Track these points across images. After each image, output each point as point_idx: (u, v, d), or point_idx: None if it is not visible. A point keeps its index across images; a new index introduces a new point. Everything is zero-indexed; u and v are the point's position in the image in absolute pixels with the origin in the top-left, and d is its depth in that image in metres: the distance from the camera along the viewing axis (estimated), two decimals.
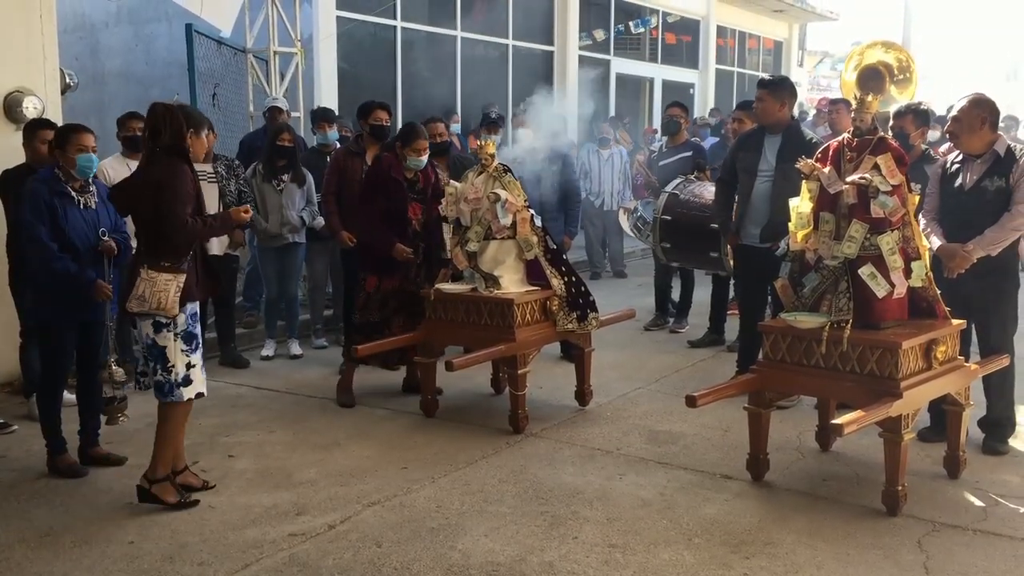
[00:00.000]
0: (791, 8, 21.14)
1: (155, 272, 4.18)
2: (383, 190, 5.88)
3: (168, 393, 4.30)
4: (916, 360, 4.27)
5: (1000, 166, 4.86)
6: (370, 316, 5.95)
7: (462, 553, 3.89)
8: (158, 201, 4.17)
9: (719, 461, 4.92)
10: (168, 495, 4.35)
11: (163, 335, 4.24)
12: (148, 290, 4.17)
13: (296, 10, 9.82)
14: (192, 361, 4.32)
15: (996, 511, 4.29)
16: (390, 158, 5.87)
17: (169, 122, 4.21)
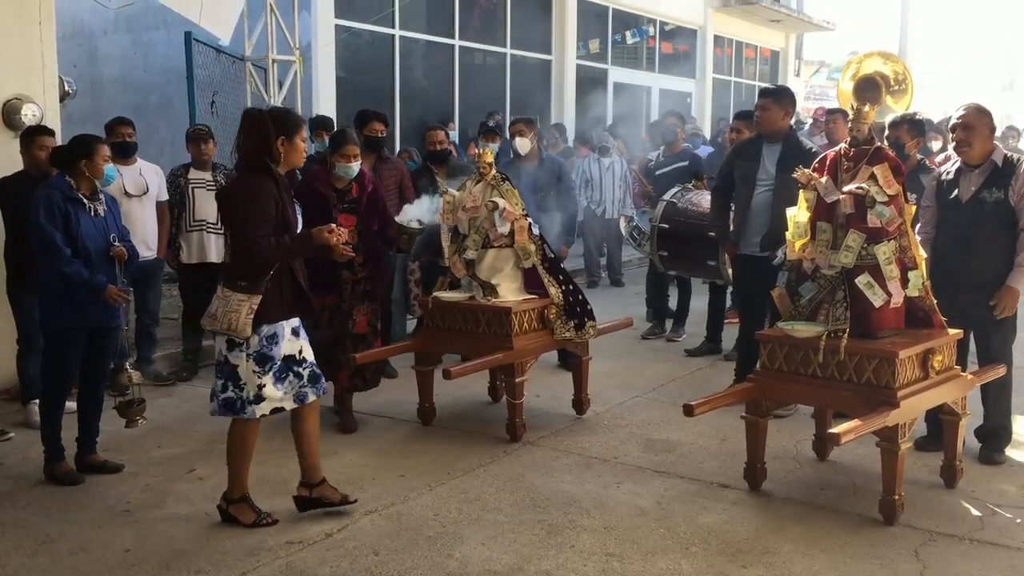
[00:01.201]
0: (788, 18, 21.23)
1: (230, 291, 4.00)
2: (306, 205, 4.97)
3: (240, 410, 4.11)
4: (913, 369, 4.29)
5: (998, 177, 4.86)
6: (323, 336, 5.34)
7: (459, 562, 3.89)
8: (235, 219, 4.03)
9: (716, 470, 4.92)
10: (245, 516, 4.22)
11: (235, 354, 4.07)
12: (220, 309, 4.02)
13: (295, 19, 9.84)
14: (263, 382, 4.08)
15: (993, 521, 4.30)
16: (319, 171, 5.53)
17: (254, 129, 4.02)
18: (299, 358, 4.21)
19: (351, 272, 5.45)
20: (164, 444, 5.41)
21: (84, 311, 4.75)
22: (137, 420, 4.84)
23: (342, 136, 5.56)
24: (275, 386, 4.12)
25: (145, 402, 4.88)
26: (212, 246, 6.85)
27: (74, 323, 4.77)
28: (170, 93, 11.26)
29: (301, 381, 4.21)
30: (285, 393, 4.17)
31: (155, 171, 6.68)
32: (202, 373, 6.98)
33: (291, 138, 4.05)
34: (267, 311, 4.03)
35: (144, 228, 6.49)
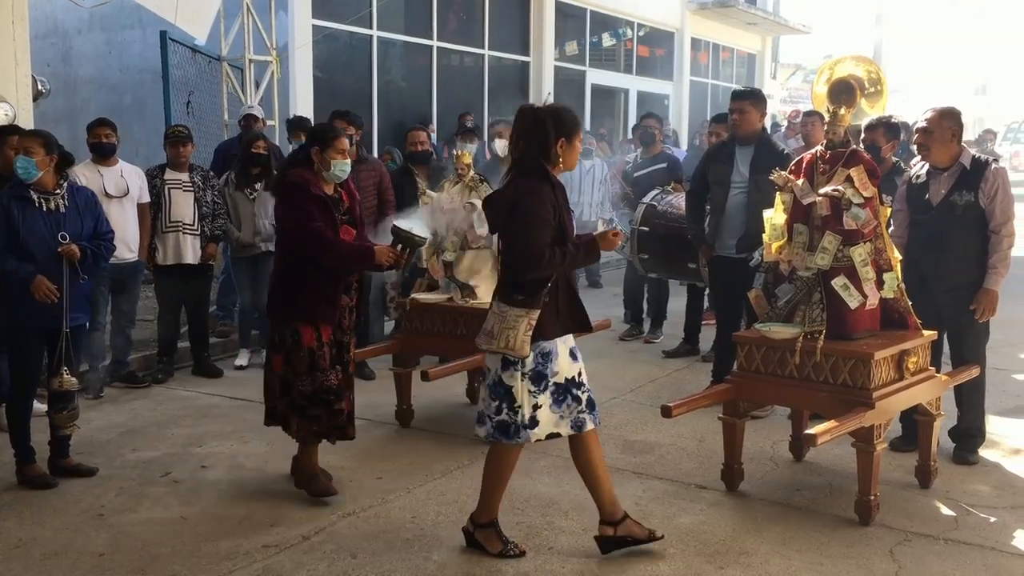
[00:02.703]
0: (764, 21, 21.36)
1: (506, 306, 3.71)
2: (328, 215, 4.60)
3: (514, 435, 3.79)
4: (888, 371, 4.32)
5: (967, 179, 4.89)
6: (325, 380, 4.46)
7: (437, 564, 3.88)
8: (511, 225, 3.71)
9: (694, 471, 4.94)
10: (492, 544, 3.92)
11: (510, 373, 3.76)
12: (497, 326, 3.72)
13: (272, 18, 9.79)
14: (539, 402, 3.78)
15: (967, 520, 4.34)
16: (307, 175, 4.45)
17: (534, 130, 3.71)
18: (578, 380, 3.88)
19: (348, 296, 4.63)
20: (139, 447, 5.36)
21: (36, 310, 4.65)
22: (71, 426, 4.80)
23: (330, 129, 4.84)
24: (551, 408, 3.81)
25: (77, 408, 4.82)
26: (188, 247, 6.80)
27: (24, 322, 4.68)
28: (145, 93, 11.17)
29: (579, 406, 3.86)
30: (562, 418, 3.83)
31: (136, 173, 6.62)
32: (177, 375, 6.93)
33: (571, 140, 3.74)
34: (543, 327, 3.71)
35: (124, 230, 6.42)
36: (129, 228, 6.46)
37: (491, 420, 3.84)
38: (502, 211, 3.76)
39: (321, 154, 4.45)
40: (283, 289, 4.50)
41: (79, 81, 12.46)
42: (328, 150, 4.45)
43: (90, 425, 5.73)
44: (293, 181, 4.43)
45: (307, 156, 4.50)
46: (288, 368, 4.47)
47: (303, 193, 4.38)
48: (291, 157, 4.59)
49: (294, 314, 4.44)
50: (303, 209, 4.36)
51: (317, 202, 4.40)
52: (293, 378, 4.46)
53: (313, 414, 4.47)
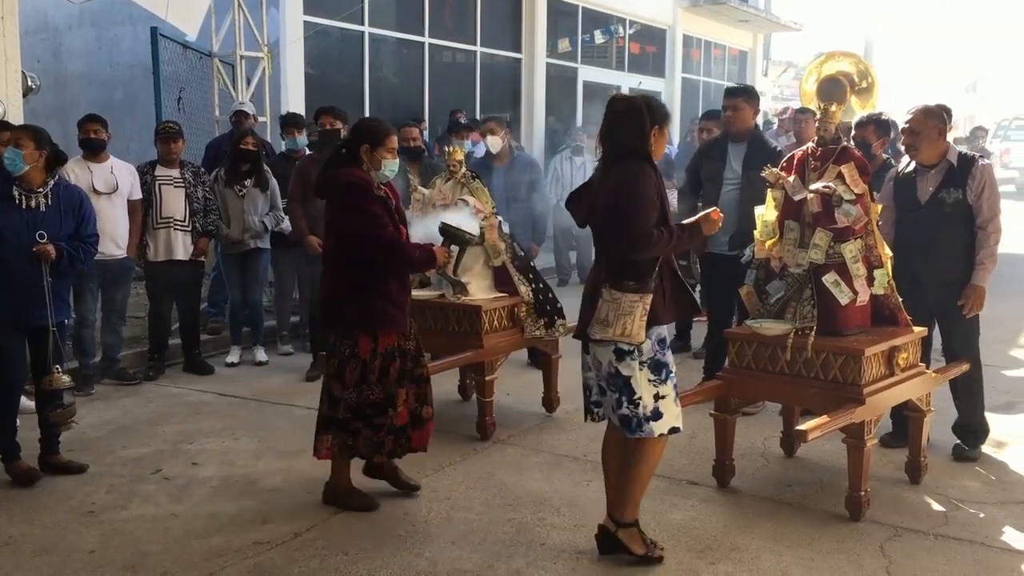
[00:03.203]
0: (756, 18, 21.38)
1: (618, 292, 3.64)
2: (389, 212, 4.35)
3: (636, 428, 3.71)
4: (879, 367, 4.33)
5: (954, 176, 4.90)
6: (372, 394, 4.27)
7: (429, 560, 3.88)
8: (618, 210, 3.64)
9: (685, 467, 4.95)
10: (636, 544, 3.81)
11: (626, 364, 3.68)
12: (611, 313, 3.64)
13: (263, 15, 9.75)
14: (661, 392, 3.72)
15: (957, 516, 4.36)
16: (361, 174, 4.23)
17: (633, 119, 3.69)
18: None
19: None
20: (129, 444, 5.35)
21: (14, 307, 4.63)
22: (70, 423, 4.77)
23: (382, 125, 4.41)
24: (675, 401, 3.76)
25: (74, 405, 4.77)
26: (179, 243, 6.79)
27: (5, 320, 4.65)
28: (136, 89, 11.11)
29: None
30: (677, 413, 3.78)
31: (128, 169, 6.60)
32: (168, 372, 6.92)
33: (662, 128, 3.75)
34: (656, 312, 3.67)
35: (114, 226, 6.41)
36: (119, 224, 6.44)
37: (614, 413, 3.78)
38: (599, 199, 3.72)
39: (371, 152, 4.23)
40: (346, 297, 4.22)
41: (69, 77, 12.39)
42: (379, 148, 4.24)
43: (81, 422, 5.69)
44: (353, 181, 4.16)
45: (352, 154, 4.26)
46: (337, 381, 4.25)
47: (366, 194, 4.15)
48: (334, 155, 4.35)
49: (359, 323, 4.21)
50: (369, 212, 4.13)
51: (380, 203, 4.19)
52: (341, 391, 4.25)
53: (353, 428, 4.27)
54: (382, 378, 4.26)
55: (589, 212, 3.81)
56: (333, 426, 4.30)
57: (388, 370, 4.27)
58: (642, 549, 3.81)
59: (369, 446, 4.31)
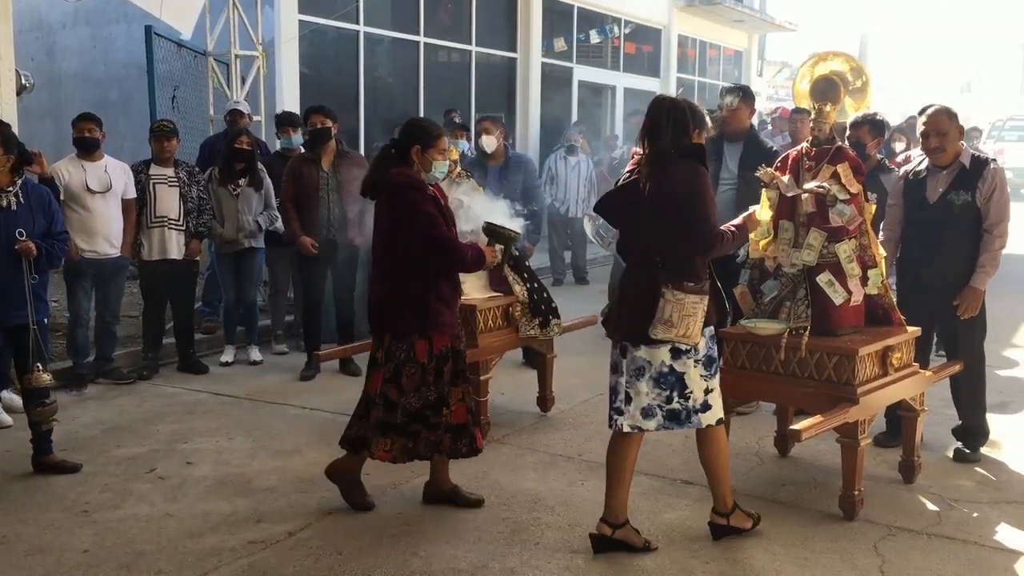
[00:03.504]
0: (751, 18, 21.40)
1: (681, 293, 3.70)
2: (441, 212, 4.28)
3: (685, 420, 3.83)
4: (872, 366, 4.34)
5: (965, 178, 4.86)
6: (429, 395, 4.22)
7: (423, 560, 3.88)
8: (689, 211, 3.70)
9: (679, 467, 4.95)
10: (744, 522, 4.05)
11: (682, 361, 3.77)
12: (675, 314, 3.68)
13: (258, 13, 9.74)
14: (710, 386, 3.84)
15: (950, 515, 4.37)
16: (412, 174, 4.18)
17: (676, 119, 3.74)
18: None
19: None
20: (124, 444, 5.34)
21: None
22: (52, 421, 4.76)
23: (433, 126, 4.37)
24: (718, 393, 3.89)
25: (56, 403, 4.77)
26: (174, 243, 6.78)
27: None
28: (130, 88, 11.10)
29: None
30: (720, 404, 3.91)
31: (122, 168, 6.60)
32: (163, 372, 6.91)
33: (702, 131, 3.83)
34: (708, 312, 3.79)
35: (108, 225, 6.41)
36: (112, 223, 6.44)
37: (661, 411, 3.83)
38: (651, 200, 3.74)
39: (422, 153, 4.19)
40: (401, 300, 4.16)
41: (64, 76, 12.37)
42: (430, 149, 4.20)
43: (75, 422, 5.71)
44: (407, 181, 4.12)
45: (402, 154, 4.21)
46: (392, 386, 4.19)
47: (421, 194, 4.11)
48: (383, 155, 4.29)
49: (416, 327, 4.15)
50: (424, 212, 4.08)
51: (433, 203, 4.16)
52: (398, 396, 4.19)
53: (413, 430, 4.21)
54: (437, 380, 4.22)
55: (634, 213, 3.82)
56: (392, 431, 4.21)
57: (442, 371, 4.23)
58: (750, 523, 4.05)
59: (428, 446, 4.25)
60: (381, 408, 4.21)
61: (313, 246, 6.69)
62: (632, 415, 3.85)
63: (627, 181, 3.92)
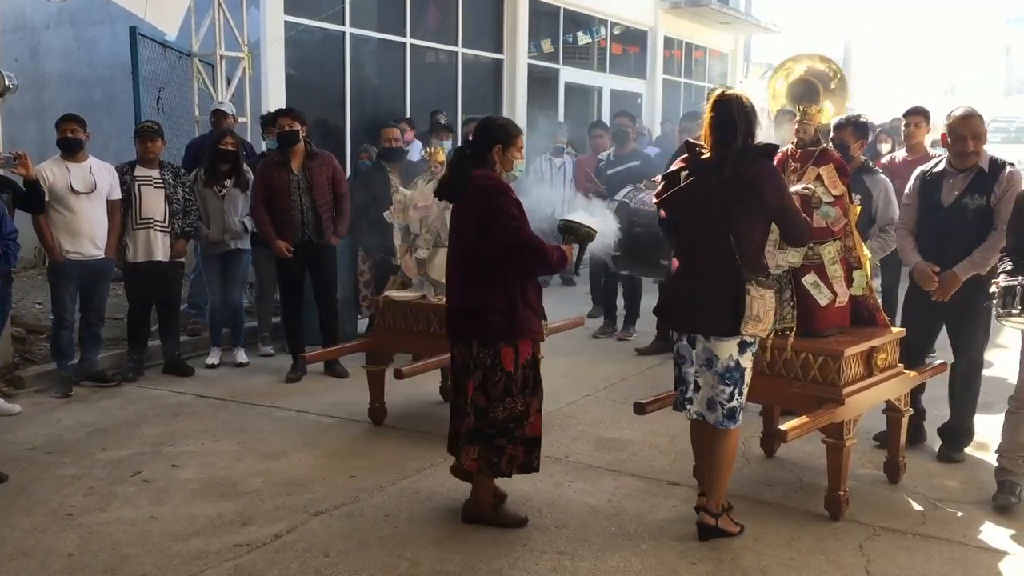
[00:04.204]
0: (736, 20, 21.46)
1: (763, 289, 3.84)
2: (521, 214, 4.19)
3: (738, 418, 3.96)
4: (857, 367, 4.36)
5: (982, 181, 4.81)
6: (515, 407, 4.16)
7: (410, 562, 3.87)
8: (775, 210, 3.88)
9: (667, 468, 4.97)
10: (732, 527, 4.08)
11: (747, 355, 3.91)
12: (761, 309, 3.81)
13: (243, 14, 9.70)
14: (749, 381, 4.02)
15: (935, 515, 4.39)
16: (495, 176, 4.15)
17: (747, 117, 3.86)
18: None
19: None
20: (109, 446, 5.31)
21: None
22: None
23: (513, 125, 4.32)
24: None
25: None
26: (159, 244, 6.75)
27: None
28: (115, 89, 11.03)
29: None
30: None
31: (107, 169, 6.57)
32: (148, 374, 6.88)
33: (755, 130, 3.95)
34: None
35: (92, 227, 6.37)
36: (97, 225, 6.41)
37: (722, 408, 3.95)
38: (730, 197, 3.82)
39: (503, 152, 4.15)
40: (488, 305, 4.06)
41: (48, 77, 12.28)
42: (511, 148, 4.17)
43: (59, 424, 5.68)
44: (494, 184, 4.07)
45: (482, 155, 4.15)
46: (481, 394, 4.10)
47: (508, 197, 4.04)
48: (460, 157, 4.25)
49: (504, 335, 4.07)
50: (513, 215, 4.02)
51: (517, 205, 4.08)
52: (486, 403, 4.10)
53: (498, 444, 4.12)
54: (523, 390, 4.15)
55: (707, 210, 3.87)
56: (479, 439, 4.13)
57: (527, 380, 4.17)
58: (737, 528, 4.10)
59: (511, 463, 4.17)
60: (472, 417, 4.13)
61: (288, 250, 6.67)
62: (699, 403, 4.01)
63: (691, 178, 3.95)
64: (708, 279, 3.92)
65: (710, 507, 4.04)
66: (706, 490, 4.10)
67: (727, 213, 3.84)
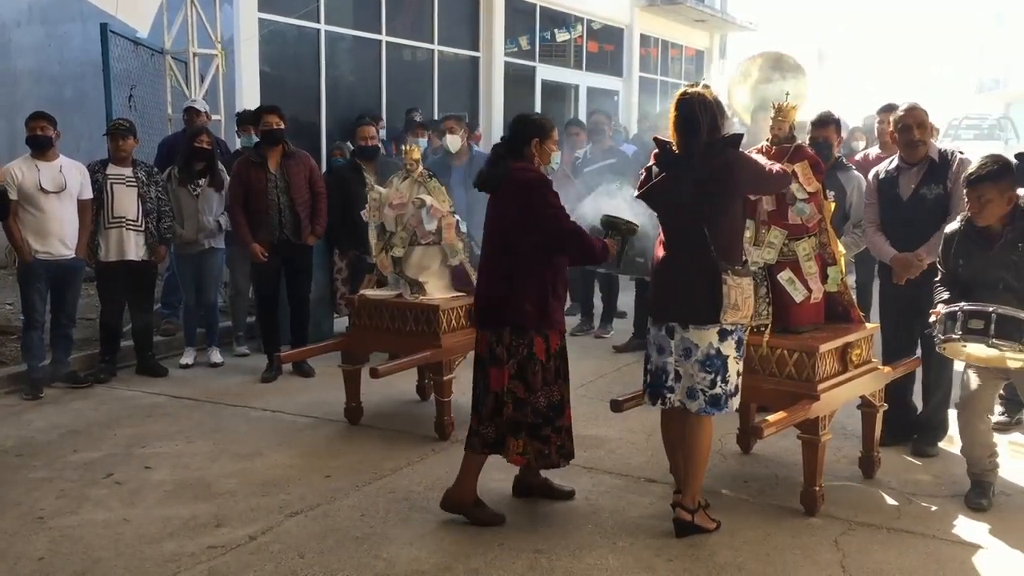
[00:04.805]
0: (712, 18, 21.55)
1: (739, 277, 3.90)
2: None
3: (723, 405, 3.97)
4: (832, 363, 4.38)
5: (936, 172, 4.98)
6: (554, 396, 4.20)
7: (387, 562, 3.85)
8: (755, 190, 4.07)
9: (643, 465, 4.97)
10: (708, 523, 4.09)
11: (728, 343, 3.93)
12: (739, 298, 3.87)
13: (216, 11, 9.62)
14: (740, 369, 4.02)
15: (909, 509, 4.42)
16: (534, 168, 4.22)
17: (716, 112, 3.94)
18: None
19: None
20: (80, 448, 5.25)
21: None
22: None
23: (548, 119, 4.39)
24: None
25: None
26: (132, 243, 6.68)
27: None
28: (86, 86, 10.92)
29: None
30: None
31: (77, 168, 6.49)
32: (121, 375, 6.80)
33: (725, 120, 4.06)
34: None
35: (62, 226, 6.30)
36: (67, 224, 6.33)
37: (704, 395, 3.96)
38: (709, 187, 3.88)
39: (541, 145, 4.23)
40: (522, 295, 4.11)
41: (18, 74, 12.15)
42: (547, 141, 4.26)
43: (30, 427, 5.62)
44: (535, 176, 4.16)
45: (518, 149, 4.21)
46: (520, 383, 4.14)
47: (547, 186, 4.14)
48: (497, 152, 4.33)
49: (535, 324, 4.12)
50: (555, 206, 4.10)
51: (557, 197, 4.16)
52: (526, 394, 4.14)
53: (545, 435, 4.16)
54: (557, 378, 4.22)
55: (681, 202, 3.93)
56: (524, 430, 4.16)
57: (559, 369, 4.23)
58: (713, 524, 4.09)
59: (560, 453, 4.22)
60: (511, 406, 4.17)
61: (263, 254, 6.62)
62: (681, 392, 4.02)
63: (664, 174, 4.01)
64: (685, 270, 3.98)
65: (686, 503, 4.06)
66: (681, 486, 4.11)
67: (699, 205, 3.91)
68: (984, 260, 4.31)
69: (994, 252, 4.28)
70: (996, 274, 4.27)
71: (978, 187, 4.24)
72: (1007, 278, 4.24)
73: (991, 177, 4.21)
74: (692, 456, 4.05)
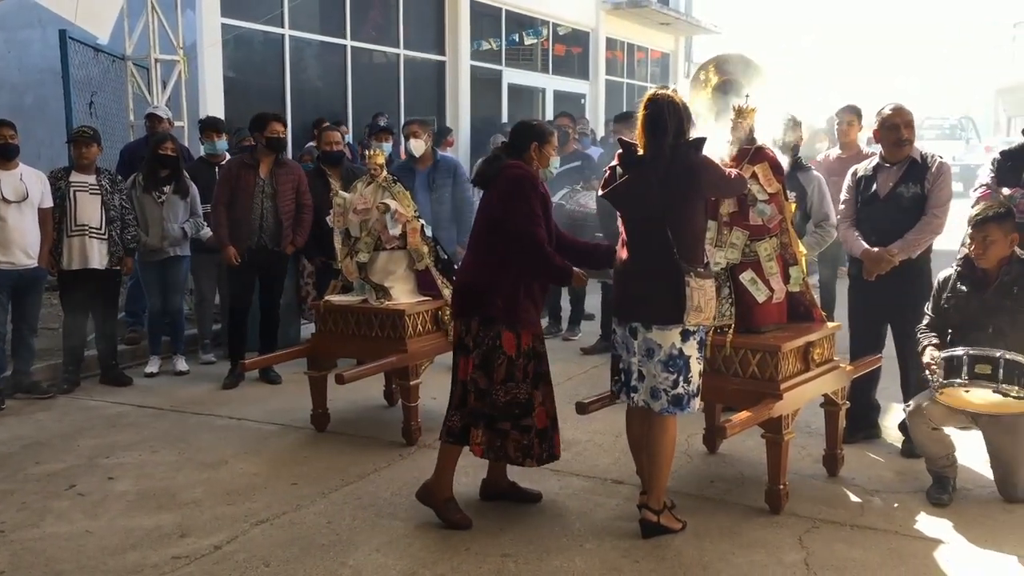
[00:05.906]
0: (677, 21, 21.72)
1: (701, 279, 3.92)
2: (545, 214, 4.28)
3: (685, 405, 4.00)
4: (795, 362, 4.42)
5: (915, 172, 5.04)
6: (520, 393, 4.20)
7: (353, 569, 3.83)
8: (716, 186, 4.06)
9: (610, 466, 4.99)
10: (674, 523, 4.10)
11: (690, 344, 3.95)
12: (701, 299, 3.90)
13: (178, 17, 9.55)
14: (702, 368, 4.06)
15: (872, 506, 4.47)
16: (528, 168, 4.27)
17: (681, 115, 3.98)
18: None
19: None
20: (43, 460, 5.18)
21: None
22: None
23: (544, 123, 4.54)
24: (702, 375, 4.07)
25: None
26: (95, 252, 6.59)
27: None
28: (46, 93, 10.79)
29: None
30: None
31: (38, 177, 6.41)
32: (84, 385, 6.72)
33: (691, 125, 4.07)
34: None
35: (23, 236, 6.22)
36: (27, 234, 6.26)
37: (667, 395, 3.99)
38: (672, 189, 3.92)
39: (540, 149, 4.30)
40: (492, 286, 4.16)
41: None
42: (546, 145, 4.32)
43: None
44: (523, 173, 4.20)
45: (519, 152, 4.28)
46: (482, 374, 4.18)
47: (534, 188, 4.18)
48: (495, 153, 4.41)
49: (503, 318, 4.15)
50: (530, 208, 4.13)
51: (542, 200, 4.21)
52: (488, 385, 4.18)
53: (501, 428, 4.18)
54: (526, 378, 4.21)
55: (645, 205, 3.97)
56: (481, 421, 4.20)
57: (527, 369, 4.22)
58: (679, 525, 4.12)
59: (520, 450, 4.21)
60: (473, 396, 4.21)
61: (236, 258, 6.58)
62: (644, 392, 4.05)
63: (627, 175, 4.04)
64: (648, 271, 4.01)
65: (652, 504, 4.08)
66: (647, 487, 4.13)
67: (663, 207, 3.94)
68: (978, 304, 4.42)
69: (988, 296, 4.40)
70: (988, 318, 4.37)
71: (984, 228, 4.36)
72: (999, 323, 4.33)
73: (996, 219, 4.37)
74: (656, 457, 4.07)
